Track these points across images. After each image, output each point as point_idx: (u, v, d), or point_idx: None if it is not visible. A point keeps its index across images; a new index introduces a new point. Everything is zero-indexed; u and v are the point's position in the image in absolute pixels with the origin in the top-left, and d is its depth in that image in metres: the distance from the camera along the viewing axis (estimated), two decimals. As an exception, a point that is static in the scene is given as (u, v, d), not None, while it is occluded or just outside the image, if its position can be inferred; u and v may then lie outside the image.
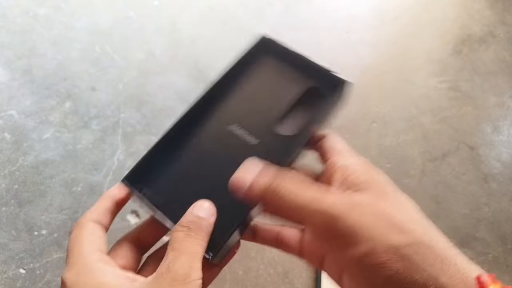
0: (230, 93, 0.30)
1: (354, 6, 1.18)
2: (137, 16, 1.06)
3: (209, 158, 0.27)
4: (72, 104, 0.88)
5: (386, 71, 1.04)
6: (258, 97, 0.30)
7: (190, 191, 0.26)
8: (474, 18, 1.20)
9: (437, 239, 0.20)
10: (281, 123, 0.29)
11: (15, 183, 0.76)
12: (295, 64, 0.32)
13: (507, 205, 0.84)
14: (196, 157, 0.28)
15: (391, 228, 0.20)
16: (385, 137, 0.91)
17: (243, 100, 0.29)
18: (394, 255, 0.19)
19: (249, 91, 0.30)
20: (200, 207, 0.23)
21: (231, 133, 0.28)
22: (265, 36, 0.33)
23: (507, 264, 0.76)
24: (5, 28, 0.98)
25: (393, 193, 0.22)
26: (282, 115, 0.29)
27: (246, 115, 0.29)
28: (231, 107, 0.29)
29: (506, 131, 0.97)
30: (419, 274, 0.18)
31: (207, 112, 0.29)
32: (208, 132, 0.28)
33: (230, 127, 0.28)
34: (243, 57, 0.31)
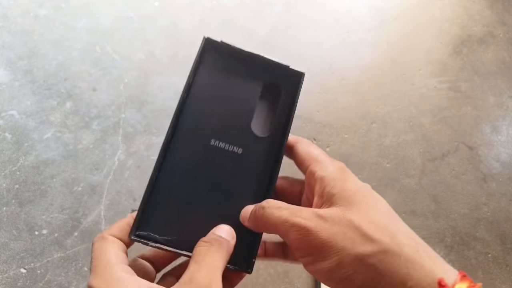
0: (197, 108, 0.29)
1: (354, 7, 1.18)
2: (138, 16, 1.06)
3: (204, 182, 0.27)
4: (73, 104, 0.89)
5: (386, 71, 1.04)
6: (224, 104, 0.29)
7: (199, 220, 0.26)
8: (474, 18, 1.20)
9: (404, 244, 0.20)
10: (254, 124, 0.29)
11: (16, 183, 0.76)
12: (248, 63, 0.30)
13: (506, 205, 0.84)
14: (191, 185, 0.27)
15: (357, 239, 0.20)
16: (385, 137, 0.92)
17: (211, 112, 0.29)
18: (360, 266, 0.20)
19: (213, 100, 0.29)
20: (222, 229, 0.25)
21: (215, 150, 0.28)
22: (209, 38, 0.31)
23: (507, 264, 0.76)
24: (6, 29, 0.99)
25: (363, 203, 0.22)
26: (251, 116, 0.29)
27: (221, 127, 0.29)
28: (204, 123, 0.28)
29: (505, 131, 0.97)
30: (386, 282, 0.19)
31: (184, 135, 0.28)
32: (193, 156, 0.28)
33: (211, 143, 0.28)
34: (195, 67, 0.30)
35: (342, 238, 0.20)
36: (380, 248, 0.20)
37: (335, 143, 0.89)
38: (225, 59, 0.31)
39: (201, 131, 0.28)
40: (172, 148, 0.28)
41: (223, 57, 0.31)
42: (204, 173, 0.27)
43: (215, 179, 0.27)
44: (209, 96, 0.29)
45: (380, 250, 0.20)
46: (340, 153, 0.88)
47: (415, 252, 0.20)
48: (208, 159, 0.28)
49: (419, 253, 0.20)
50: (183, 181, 0.27)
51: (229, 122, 0.29)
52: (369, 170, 0.86)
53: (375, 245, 0.20)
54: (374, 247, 0.20)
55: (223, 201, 0.27)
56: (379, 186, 0.84)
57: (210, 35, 0.31)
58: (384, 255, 0.19)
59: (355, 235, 0.20)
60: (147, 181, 0.27)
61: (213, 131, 0.28)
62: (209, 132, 0.28)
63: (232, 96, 0.30)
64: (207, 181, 0.27)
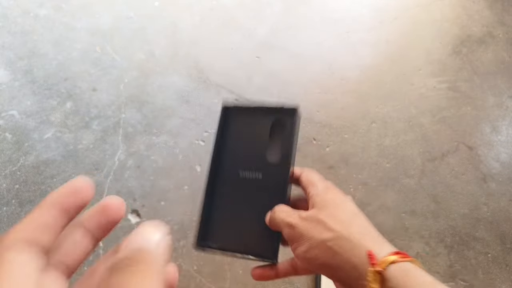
0: (228, 151, 0.42)
1: (354, 7, 1.18)
2: (138, 16, 1.06)
3: (240, 200, 0.40)
4: (73, 104, 0.89)
5: (386, 71, 1.04)
6: (245, 144, 0.42)
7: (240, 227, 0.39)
8: (474, 18, 1.20)
9: (355, 232, 0.29)
10: (268, 154, 0.41)
11: (16, 183, 0.76)
12: (257, 112, 0.43)
13: (506, 204, 0.84)
14: (231, 203, 0.40)
15: (322, 229, 0.30)
16: (384, 137, 0.92)
17: (238, 152, 0.42)
18: (323, 248, 0.29)
19: (238, 143, 0.42)
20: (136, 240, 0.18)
21: (244, 178, 0.41)
22: (226, 104, 0.44)
23: (507, 263, 0.76)
24: (6, 29, 0.99)
25: (332, 206, 0.32)
26: (266, 149, 0.41)
27: (245, 161, 0.41)
28: (233, 160, 0.42)
29: (505, 131, 0.97)
30: (339, 259, 0.28)
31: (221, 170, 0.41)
32: (230, 183, 0.41)
33: (240, 174, 0.41)
34: (220, 124, 0.43)
35: (313, 230, 0.30)
36: (335, 235, 0.29)
37: (335, 143, 0.89)
38: (241, 114, 0.44)
39: (232, 166, 0.42)
40: (215, 179, 0.41)
41: (239, 113, 0.44)
42: (239, 194, 0.40)
43: (247, 197, 0.40)
44: (234, 141, 0.43)
45: (335, 236, 0.29)
46: (340, 153, 0.88)
47: (362, 238, 0.28)
48: (240, 184, 0.41)
49: (364, 238, 0.28)
50: (226, 202, 0.40)
51: (250, 157, 0.41)
52: (369, 170, 0.86)
53: (332, 233, 0.29)
54: (332, 234, 0.29)
55: (254, 211, 0.38)
56: (379, 186, 0.84)
57: (227, 102, 0.44)
58: (338, 240, 0.29)
59: (321, 227, 0.30)
60: (147, 181, 0.44)
61: (240, 165, 0.41)
62: (238, 166, 0.41)
63: (250, 138, 0.43)
64: (242, 199, 0.40)
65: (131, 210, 0.75)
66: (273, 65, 1.02)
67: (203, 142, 0.86)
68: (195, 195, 0.78)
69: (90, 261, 0.69)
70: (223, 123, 0.44)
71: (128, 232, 0.57)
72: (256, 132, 0.43)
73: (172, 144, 0.85)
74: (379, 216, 0.79)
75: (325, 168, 0.85)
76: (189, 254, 0.71)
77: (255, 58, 1.02)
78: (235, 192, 0.41)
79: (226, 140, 0.43)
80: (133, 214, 0.75)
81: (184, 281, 0.68)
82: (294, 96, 0.96)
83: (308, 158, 0.86)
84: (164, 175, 0.80)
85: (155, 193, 0.78)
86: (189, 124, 0.89)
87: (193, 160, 0.83)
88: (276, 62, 1.02)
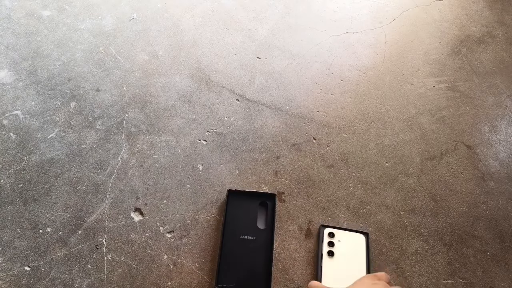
0: (231, 222, 0.70)
1: (353, 7, 1.19)
2: (140, 18, 1.07)
3: (242, 254, 0.67)
4: (77, 105, 0.90)
5: (385, 71, 1.05)
6: (243, 217, 0.70)
7: (243, 273, 0.65)
8: (473, 18, 1.21)
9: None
10: (258, 223, 0.70)
11: (20, 182, 0.77)
12: (250, 195, 0.73)
13: (505, 203, 0.85)
14: (237, 257, 0.66)
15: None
16: (384, 137, 0.92)
17: (238, 222, 0.70)
18: None
19: (238, 216, 0.71)
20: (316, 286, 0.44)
21: (243, 239, 0.68)
22: (230, 189, 0.74)
23: (506, 262, 0.77)
24: (10, 30, 1.00)
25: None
26: (256, 219, 0.70)
27: (244, 228, 0.68)
28: (236, 228, 0.69)
29: (504, 131, 0.98)
30: None
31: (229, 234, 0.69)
32: (235, 243, 0.68)
33: (241, 236, 0.68)
34: (226, 203, 0.73)
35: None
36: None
37: (334, 142, 0.90)
38: (239, 195, 0.74)
39: (236, 232, 0.68)
40: (224, 241, 0.68)
41: (238, 195, 0.74)
42: (241, 250, 0.67)
43: (246, 253, 0.66)
44: (235, 215, 0.71)
45: None
46: (339, 152, 0.89)
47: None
48: (241, 244, 0.67)
49: None
50: (233, 255, 0.66)
51: (246, 225, 0.68)
52: (368, 169, 0.87)
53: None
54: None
55: (252, 261, 0.65)
56: (378, 184, 0.84)
57: (231, 187, 0.76)
58: None
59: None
60: (149, 179, 0.89)
61: (240, 230, 0.68)
62: (239, 231, 0.68)
63: (246, 212, 0.70)
64: (243, 254, 0.66)
65: (134, 208, 0.76)
66: (273, 65, 1.03)
67: (205, 142, 0.87)
68: (197, 193, 0.79)
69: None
70: (228, 202, 0.72)
71: (130, 230, 0.60)
72: (249, 209, 0.70)
73: (174, 143, 0.86)
74: (378, 214, 0.80)
75: (325, 167, 0.86)
76: (191, 252, 0.72)
77: (256, 58, 1.03)
78: (238, 249, 0.66)
79: (231, 215, 0.70)
80: (136, 212, 0.76)
81: (186, 278, 0.69)
82: (295, 96, 0.97)
83: (308, 157, 0.87)
84: (167, 174, 0.81)
85: (158, 191, 0.79)
86: (191, 124, 0.90)
87: (195, 159, 0.84)
88: (277, 63, 1.03)
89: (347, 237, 0.70)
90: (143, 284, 0.68)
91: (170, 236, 0.73)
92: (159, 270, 0.70)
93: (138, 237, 0.73)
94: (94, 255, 0.70)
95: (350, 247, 0.69)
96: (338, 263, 0.67)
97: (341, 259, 0.67)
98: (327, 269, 0.66)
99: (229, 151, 0.86)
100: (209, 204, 0.77)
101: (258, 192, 0.73)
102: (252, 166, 0.84)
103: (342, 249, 0.68)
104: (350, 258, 0.67)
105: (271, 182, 0.82)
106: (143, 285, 0.68)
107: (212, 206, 0.77)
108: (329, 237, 0.70)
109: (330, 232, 0.71)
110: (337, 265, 0.67)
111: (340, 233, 0.71)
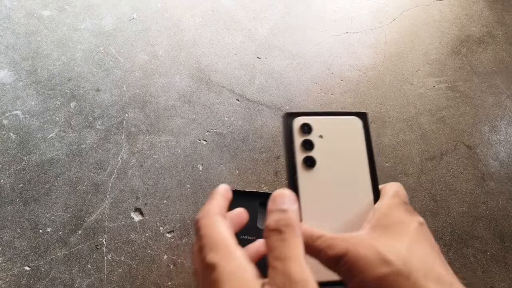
0: None
1: (353, 7, 1.19)
2: (140, 18, 1.07)
3: None
4: (77, 104, 0.90)
5: (385, 71, 1.05)
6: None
7: None
8: (473, 18, 1.21)
9: (414, 269, 0.23)
10: (258, 223, 0.67)
11: (20, 182, 0.77)
12: (250, 194, 0.69)
13: (504, 203, 0.85)
14: None
15: (377, 260, 0.23)
16: (384, 137, 0.92)
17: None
18: (377, 285, 0.22)
19: None
20: (281, 198, 0.24)
21: (243, 239, 0.60)
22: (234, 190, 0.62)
23: (505, 261, 0.77)
24: (10, 30, 1.00)
25: (392, 228, 0.25)
26: (256, 219, 0.66)
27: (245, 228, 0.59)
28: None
29: (504, 131, 0.98)
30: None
31: None
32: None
33: (241, 237, 0.60)
34: None
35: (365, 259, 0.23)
36: (393, 270, 0.22)
37: (335, 143, 0.90)
38: (240, 195, 0.68)
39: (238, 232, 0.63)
40: None
41: (238, 195, 0.66)
42: None
43: None
44: None
45: (393, 271, 0.22)
46: (340, 152, 0.89)
47: (423, 278, 0.22)
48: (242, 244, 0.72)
49: (426, 277, 0.22)
50: None
51: (247, 225, 0.60)
52: (368, 169, 0.87)
53: (390, 268, 0.22)
54: (389, 269, 0.22)
55: None
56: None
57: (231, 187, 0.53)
58: (396, 277, 0.22)
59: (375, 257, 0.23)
60: (149, 179, 0.51)
61: (241, 231, 0.60)
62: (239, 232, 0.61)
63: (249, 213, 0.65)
64: None
65: (134, 208, 0.76)
66: (273, 65, 1.03)
67: (205, 142, 0.87)
68: (197, 193, 0.79)
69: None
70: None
71: (130, 230, 0.60)
72: (249, 209, 0.63)
73: (174, 143, 0.86)
74: (378, 214, 0.80)
75: (325, 167, 0.86)
76: (191, 252, 0.72)
77: (256, 58, 1.03)
78: None
79: None
80: (136, 212, 0.76)
81: (186, 278, 0.69)
82: (295, 96, 0.97)
83: (308, 157, 0.87)
84: (167, 174, 0.81)
85: (158, 191, 0.79)
86: (191, 124, 0.90)
87: (195, 159, 0.84)
88: (277, 63, 1.03)
89: (334, 127, 0.35)
90: (143, 284, 0.68)
91: (170, 236, 0.73)
92: (159, 270, 0.70)
93: (138, 237, 0.73)
94: (94, 255, 0.70)
95: (340, 144, 0.35)
96: (323, 177, 0.34)
97: (328, 169, 0.34)
98: (306, 191, 0.33)
99: (229, 151, 0.86)
100: (209, 204, 0.77)
101: (258, 192, 0.74)
102: (252, 166, 0.84)
103: (328, 150, 0.34)
104: (342, 166, 0.34)
105: (271, 182, 0.82)
106: (143, 285, 0.68)
107: (212, 206, 0.77)
108: (303, 133, 0.34)
109: (305, 123, 0.34)
110: (322, 181, 0.33)
111: (320, 123, 0.35)
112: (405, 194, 0.29)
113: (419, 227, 0.26)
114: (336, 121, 0.34)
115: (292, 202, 0.24)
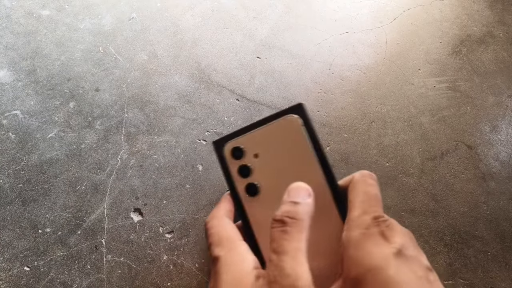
0: None
1: (354, 7, 1.19)
2: (140, 17, 1.07)
3: None
4: (76, 104, 0.89)
5: (385, 71, 1.05)
6: None
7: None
8: (474, 18, 1.21)
9: None
10: None
11: (19, 182, 0.77)
12: None
13: (505, 203, 0.85)
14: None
15: None
16: (384, 137, 0.92)
17: None
18: None
19: None
20: (296, 190, 0.23)
21: None
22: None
23: (506, 262, 0.77)
24: (9, 29, 1.00)
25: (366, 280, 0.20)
26: None
27: None
28: None
29: (505, 131, 0.97)
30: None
31: None
32: None
33: None
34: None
35: None
36: None
37: (335, 142, 0.90)
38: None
39: None
40: None
41: None
42: None
43: None
44: None
45: None
46: (340, 152, 0.89)
47: None
48: None
49: None
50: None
51: None
52: (368, 169, 0.86)
53: None
54: None
55: None
56: (378, 185, 0.84)
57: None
58: None
59: None
60: (149, 179, 0.46)
61: None
62: None
63: None
64: None
65: (134, 208, 0.76)
66: (273, 65, 1.02)
67: (204, 142, 0.87)
68: (197, 194, 0.79)
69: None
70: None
71: (130, 231, 0.59)
72: None
73: (174, 143, 0.86)
74: (379, 214, 0.80)
75: (326, 167, 0.86)
76: (191, 252, 0.71)
77: (256, 58, 1.03)
78: None
79: None
80: (136, 212, 0.76)
81: (186, 279, 0.69)
82: (295, 96, 0.97)
83: (308, 157, 0.87)
84: (166, 174, 0.81)
85: (157, 191, 0.78)
86: (190, 124, 0.89)
87: (194, 159, 0.84)
88: (277, 62, 1.03)
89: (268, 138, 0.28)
90: (143, 284, 0.68)
91: (170, 236, 0.73)
92: (158, 271, 0.69)
93: (138, 237, 0.72)
94: (94, 255, 0.70)
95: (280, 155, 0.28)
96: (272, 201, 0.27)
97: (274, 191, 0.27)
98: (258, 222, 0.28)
99: (229, 151, 0.86)
100: (209, 204, 0.77)
101: None
102: (252, 166, 0.84)
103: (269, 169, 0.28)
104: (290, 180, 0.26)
105: (271, 182, 0.81)
106: (142, 286, 0.68)
107: (212, 206, 0.77)
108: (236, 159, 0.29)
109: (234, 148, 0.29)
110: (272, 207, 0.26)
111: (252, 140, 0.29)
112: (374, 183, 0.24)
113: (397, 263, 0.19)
114: (269, 130, 0.28)
115: (306, 196, 0.23)
